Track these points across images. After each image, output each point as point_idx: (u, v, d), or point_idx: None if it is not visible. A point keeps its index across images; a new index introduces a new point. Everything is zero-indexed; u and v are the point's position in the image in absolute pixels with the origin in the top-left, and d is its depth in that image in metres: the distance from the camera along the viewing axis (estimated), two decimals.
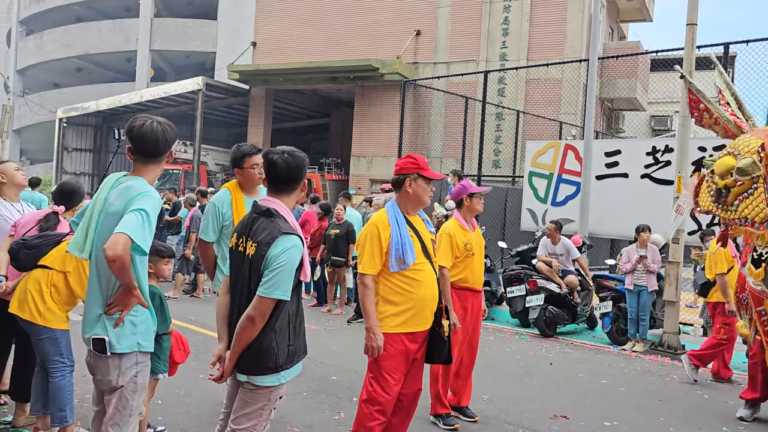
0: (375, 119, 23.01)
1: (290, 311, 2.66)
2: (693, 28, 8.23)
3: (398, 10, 22.91)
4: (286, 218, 2.68)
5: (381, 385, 3.51)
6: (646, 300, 8.10)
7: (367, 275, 3.50)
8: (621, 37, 26.95)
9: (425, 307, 3.54)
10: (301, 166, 2.81)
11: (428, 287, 3.55)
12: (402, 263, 3.47)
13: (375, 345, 3.43)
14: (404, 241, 3.49)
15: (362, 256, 3.54)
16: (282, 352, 2.62)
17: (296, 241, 2.61)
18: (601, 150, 10.85)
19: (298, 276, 2.65)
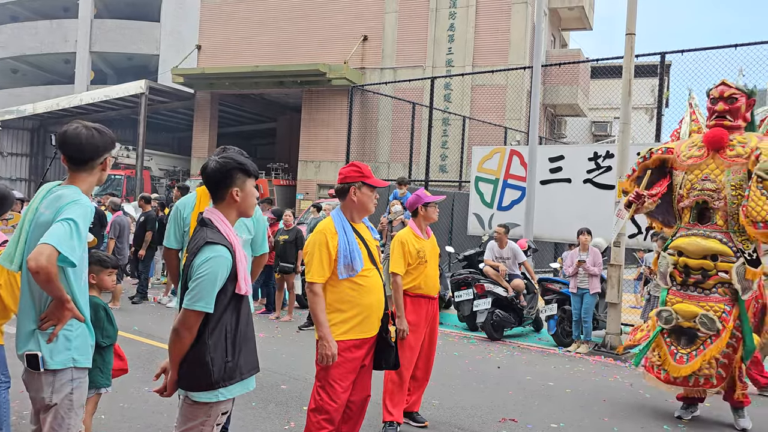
0: (323, 124, 22.94)
1: (227, 326, 2.56)
2: (632, 37, 8.50)
3: (345, 16, 22.93)
4: (219, 228, 2.59)
5: (328, 393, 3.49)
6: (589, 302, 8.31)
7: (316, 283, 3.49)
8: (563, 44, 27.67)
9: (372, 314, 3.56)
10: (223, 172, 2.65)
11: (375, 293, 3.57)
12: (351, 270, 3.48)
13: (329, 353, 3.41)
14: (352, 248, 3.50)
15: (310, 265, 3.51)
16: (218, 368, 2.53)
17: (221, 251, 2.50)
18: (545, 155, 11.10)
19: (233, 289, 2.56)
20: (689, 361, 5.06)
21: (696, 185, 5.19)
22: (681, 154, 5.38)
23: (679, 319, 5.13)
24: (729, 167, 5.08)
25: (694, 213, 5.27)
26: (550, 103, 22.64)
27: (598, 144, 20.31)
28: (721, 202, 5.08)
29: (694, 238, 5.15)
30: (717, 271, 5.04)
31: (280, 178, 24.84)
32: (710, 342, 5.01)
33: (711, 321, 4.97)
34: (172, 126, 29.59)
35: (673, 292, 5.28)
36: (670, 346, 5.22)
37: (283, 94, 25.42)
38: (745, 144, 5.09)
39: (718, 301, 5.05)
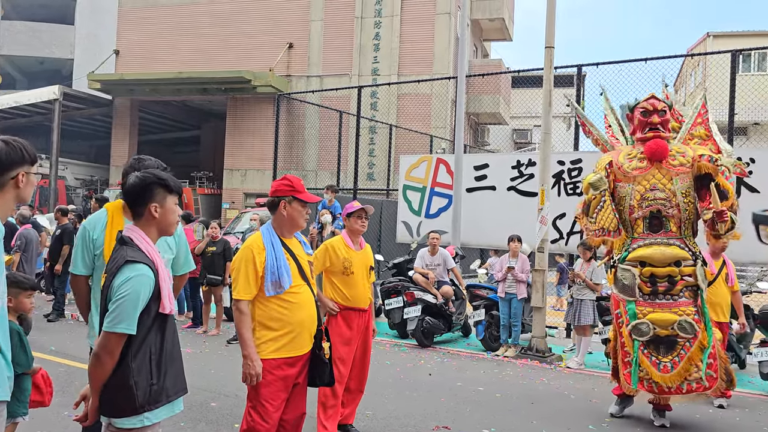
0: (248, 132, 22.60)
1: (151, 347, 2.48)
2: (551, 50, 8.82)
3: (270, 23, 22.72)
4: (139, 246, 2.50)
5: (260, 413, 3.42)
6: (517, 307, 8.54)
7: (242, 301, 3.41)
8: (484, 54, 28.39)
9: (303, 331, 3.49)
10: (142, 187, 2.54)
11: (306, 310, 3.51)
12: (278, 287, 3.41)
13: (253, 372, 3.34)
14: (280, 264, 3.42)
15: (237, 281, 3.44)
16: (142, 391, 2.44)
17: (142, 269, 2.42)
18: (470, 164, 11.34)
19: (157, 308, 2.47)
20: (674, 368, 5.18)
21: (647, 196, 5.35)
22: (623, 165, 5.51)
23: (656, 329, 5.22)
24: (676, 176, 5.33)
25: (647, 222, 5.43)
26: (473, 111, 23.17)
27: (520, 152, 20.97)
28: (675, 210, 5.30)
29: (657, 247, 5.30)
30: (681, 275, 5.25)
31: (205, 187, 24.27)
32: (689, 345, 5.18)
33: (690, 325, 5.15)
34: (89, 133, 28.39)
35: (641, 303, 5.34)
36: (651, 356, 5.27)
37: (206, 101, 24.89)
38: (684, 154, 5.38)
39: (687, 305, 5.25)
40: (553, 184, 9.73)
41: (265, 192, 19.79)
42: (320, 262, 4.74)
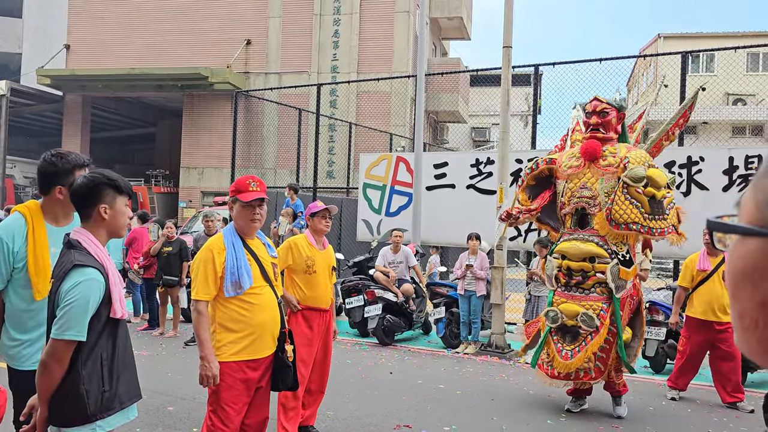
0: (205, 129, 22.25)
1: (102, 354, 2.41)
2: (508, 50, 8.92)
3: (227, 19, 22.39)
4: (88, 249, 2.43)
5: (221, 417, 3.36)
6: (477, 304, 8.62)
7: (201, 301, 3.35)
8: (443, 53, 28.56)
9: (265, 333, 3.44)
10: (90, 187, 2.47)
11: (268, 311, 3.46)
12: (238, 287, 3.36)
13: (210, 374, 3.27)
14: (240, 264, 3.37)
15: (195, 282, 3.39)
16: (94, 400, 2.37)
17: (92, 274, 2.36)
18: (430, 162, 11.39)
19: (108, 313, 2.41)
20: (573, 356, 5.42)
21: (575, 193, 5.60)
22: (562, 164, 5.76)
23: (564, 318, 5.49)
24: (602, 176, 5.50)
25: (574, 219, 5.67)
26: (432, 110, 23.28)
27: (479, 150, 21.16)
28: (597, 208, 5.49)
29: (575, 242, 5.54)
30: (595, 272, 5.45)
31: (161, 185, 23.81)
32: (591, 338, 5.41)
33: (590, 318, 5.37)
34: (38, 130, 27.55)
35: (558, 293, 5.65)
36: (557, 343, 5.56)
37: (162, 98, 24.40)
38: (615, 154, 5.53)
39: (597, 300, 5.45)
40: (511, 182, 9.84)
41: (224, 191, 19.49)
42: (282, 260, 4.71)
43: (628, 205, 5.26)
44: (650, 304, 7.78)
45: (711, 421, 5.77)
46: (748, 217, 0.57)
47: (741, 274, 0.57)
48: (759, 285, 0.55)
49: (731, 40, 25.98)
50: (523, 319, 9.69)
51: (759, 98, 27.17)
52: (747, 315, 0.57)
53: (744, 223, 0.57)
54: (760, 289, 0.55)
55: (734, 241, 0.58)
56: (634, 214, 5.24)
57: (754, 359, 0.60)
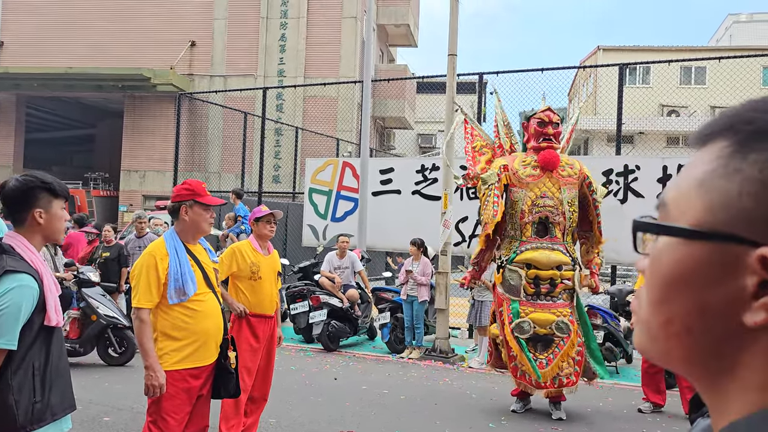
0: (148, 131, 21.73)
1: (34, 363, 2.32)
2: (453, 58, 9.05)
3: (170, 19, 21.94)
4: (21, 254, 2.34)
5: (161, 428, 3.26)
6: (419, 309, 8.68)
7: (143, 309, 3.25)
8: (390, 59, 28.73)
9: (208, 340, 3.38)
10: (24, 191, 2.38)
11: (211, 319, 3.39)
12: (182, 294, 3.28)
13: (156, 383, 3.18)
14: (184, 270, 3.30)
15: (137, 289, 3.29)
16: (24, 410, 2.27)
17: (24, 279, 2.27)
18: (376, 167, 11.42)
19: (41, 321, 2.32)
20: (548, 364, 5.56)
21: (537, 202, 5.68)
22: (518, 171, 5.81)
23: (536, 328, 5.57)
24: (564, 185, 5.70)
25: (535, 227, 5.74)
26: (379, 115, 23.37)
27: (425, 157, 21.36)
28: (560, 217, 5.65)
29: (543, 251, 5.63)
30: (562, 279, 5.63)
31: (100, 188, 23.11)
32: (563, 343, 5.58)
33: (566, 325, 5.55)
34: None
35: (524, 303, 5.67)
36: (529, 353, 5.66)
37: (102, 99, 23.71)
38: (572, 166, 5.82)
39: (564, 306, 5.65)
40: (456, 188, 9.98)
41: (166, 195, 19.06)
42: (226, 267, 4.64)
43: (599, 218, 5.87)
44: (589, 308, 8.00)
45: (645, 422, 5.97)
46: (694, 219, 0.55)
47: (677, 278, 0.55)
48: (702, 290, 0.54)
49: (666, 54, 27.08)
50: (467, 323, 9.83)
51: (691, 110, 28.37)
52: (678, 321, 0.55)
53: (688, 225, 0.55)
54: (703, 294, 0.53)
55: (668, 243, 0.57)
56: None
57: (672, 367, 0.58)
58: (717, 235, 0.53)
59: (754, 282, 0.51)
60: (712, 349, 0.54)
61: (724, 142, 0.55)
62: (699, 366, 0.56)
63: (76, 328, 7.35)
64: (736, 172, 0.53)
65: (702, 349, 0.55)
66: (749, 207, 0.51)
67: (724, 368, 0.54)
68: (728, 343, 0.53)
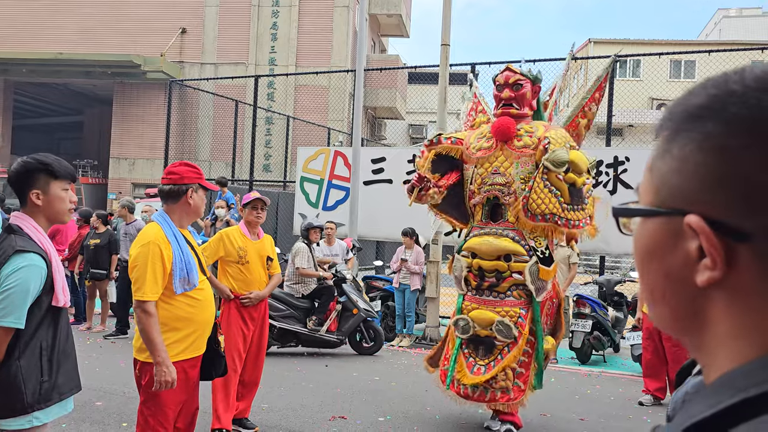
0: (137, 119, 21.60)
1: (42, 343, 2.34)
2: (446, 48, 9.06)
3: (161, 6, 21.78)
4: (30, 234, 2.37)
5: (160, 421, 3.18)
6: (410, 298, 8.74)
7: (149, 302, 3.06)
8: (382, 50, 28.66)
9: (207, 329, 3.34)
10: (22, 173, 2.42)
11: (210, 307, 3.35)
12: (187, 283, 3.17)
13: (169, 379, 3.04)
14: (188, 258, 3.19)
15: (141, 280, 3.08)
16: (31, 390, 2.30)
17: (33, 259, 2.29)
18: (367, 157, 11.43)
19: (49, 301, 2.35)
20: (487, 372, 4.61)
21: (486, 180, 4.73)
22: (471, 146, 4.87)
23: (476, 328, 4.66)
24: (518, 159, 4.67)
25: (485, 210, 4.81)
26: (370, 105, 23.34)
27: (417, 146, 21.37)
28: (512, 197, 4.65)
29: (486, 238, 4.69)
30: (511, 272, 4.63)
31: (89, 176, 22.94)
32: (507, 351, 4.62)
33: (507, 328, 4.57)
34: None
35: (468, 297, 4.81)
36: (468, 357, 4.74)
37: (91, 85, 23.52)
38: (532, 133, 4.70)
39: (514, 305, 4.66)
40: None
41: (156, 182, 18.98)
42: (213, 251, 4.68)
43: (546, 194, 4.45)
44: (577, 297, 8.09)
45: (632, 408, 6.06)
46: (647, 200, 0.63)
47: (645, 253, 0.63)
48: (663, 259, 0.61)
49: (656, 47, 27.16)
50: None
51: None
52: (657, 288, 0.63)
53: (644, 206, 0.63)
54: (664, 264, 0.61)
55: (638, 224, 0.65)
56: (552, 204, 4.44)
57: (667, 330, 0.65)
58: (659, 211, 0.61)
59: (694, 247, 0.58)
60: (685, 310, 0.61)
61: (666, 131, 0.62)
62: (682, 327, 0.63)
63: (336, 321, 7.90)
64: (666, 153, 0.61)
65: (678, 311, 0.62)
66: (676, 182, 0.59)
67: (699, 326, 0.61)
68: (695, 303, 0.60)
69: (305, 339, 7.71)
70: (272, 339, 7.61)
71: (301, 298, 7.86)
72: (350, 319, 7.86)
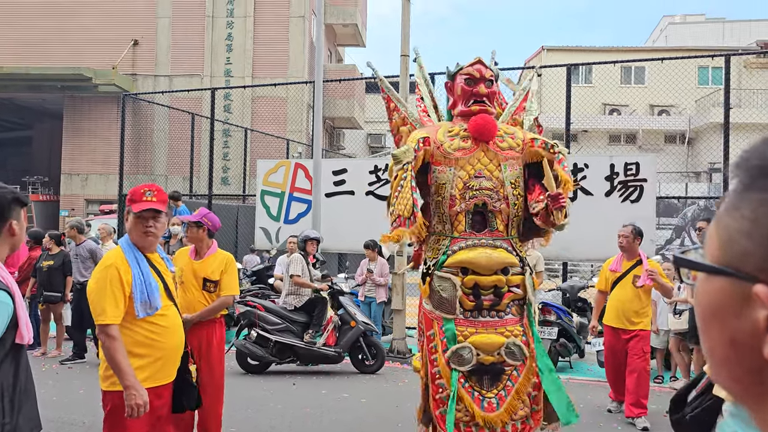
0: (89, 133, 21.05)
1: (4, 383, 2.22)
2: (406, 59, 9.06)
3: (111, 17, 21.30)
4: None
5: None
6: (377, 310, 8.67)
7: (111, 325, 3.02)
8: (338, 59, 28.63)
9: (173, 356, 3.22)
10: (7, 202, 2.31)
11: (176, 333, 3.24)
12: (149, 307, 3.10)
13: (140, 402, 2.95)
14: (149, 281, 3.12)
15: (102, 304, 3.03)
16: None
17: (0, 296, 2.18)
18: (329, 169, 11.34)
19: (13, 338, 2.22)
20: (500, 404, 3.91)
21: (471, 184, 4.10)
22: (443, 145, 4.20)
23: (479, 356, 3.93)
24: (505, 161, 4.15)
25: (469, 218, 4.14)
26: (328, 116, 23.22)
27: (378, 157, 21.39)
28: (503, 203, 4.09)
29: (482, 250, 4.01)
30: (509, 286, 4.05)
31: (39, 192, 22.23)
32: (517, 374, 3.98)
33: (519, 349, 3.96)
34: None
35: (462, 321, 4.00)
36: (473, 391, 3.96)
37: (40, 99, 22.81)
38: (513, 135, 4.26)
39: (514, 323, 4.05)
40: None
41: (110, 198, 18.46)
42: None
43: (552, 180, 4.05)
44: (543, 304, 8.14)
45: (600, 415, 6.10)
46: (712, 256, 0.58)
47: (708, 311, 0.59)
48: (727, 324, 0.57)
49: (607, 54, 27.84)
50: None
51: (631, 108, 29.28)
52: (718, 350, 0.59)
53: (709, 261, 0.58)
54: (728, 327, 0.56)
55: (701, 277, 0.60)
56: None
57: (725, 389, 0.61)
58: (726, 271, 0.56)
59: (763, 316, 0.53)
60: (749, 378, 0.57)
61: (737, 179, 0.58)
62: (742, 392, 0.59)
63: (334, 335, 7.68)
64: (735, 210, 0.57)
65: (741, 377, 0.58)
66: (746, 245, 0.55)
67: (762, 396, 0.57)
68: (761, 373, 0.56)
69: (303, 353, 7.52)
70: (270, 354, 7.45)
71: (295, 311, 7.71)
72: (348, 332, 7.66)
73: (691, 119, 27.58)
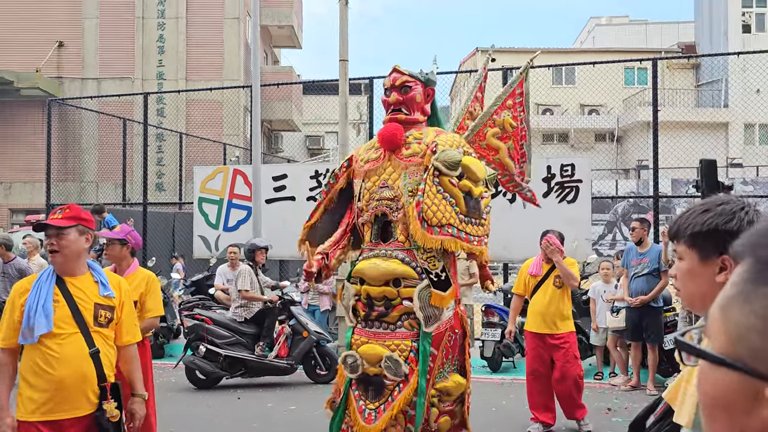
0: (12, 140, 20.05)
1: None
2: (345, 63, 9.00)
3: (33, 18, 20.34)
4: None
5: None
6: (321, 318, 8.59)
7: None
8: (275, 61, 28.28)
9: (70, 389, 2.97)
10: None
11: (70, 364, 2.97)
12: (28, 333, 2.93)
13: (4, 428, 2.91)
14: (39, 306, 2.93)
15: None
16: None
17: None
18: (268, 174, 11.17)
19: None
20: (377, 418, 3.82)
21: (374, 195, 4.09)
22: (359, 159, 4.26)
23: (365, 365, 3.88)
24: (406, 169, 4.05)
25: (375, 229, 4.12)
26: (266, 118, 22.88)
27: (318, 162, 21.24)
28: (400, 213, 3.99)
29: (374, 260, 3.98)
30: (401, 299, 3.90)
31: None
32: (399, 391, 3.84)
33: (396, 364, 3.81)
34: None
35: (358, 330, 4.02)
36: (359, 400, 3.94)
37: None
38: (421, 140, 4.09)
39: (405, 338, 3.90)
40: None
41: (37, 208, 17.65)
42: None
43: (440, 200, 3.79)
44: (486, 306, 8.27)
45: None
46: (720, 347, 0.56)
47: (716, 403, 0.57)
48: (736, 419, 0.55)
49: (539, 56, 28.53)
50: None
51: (563, 108, 30.15)
52: None
53: (716, 351, 0.57)
54: (737, 422, 0.55)
55: (705, 365, 0.58)
56: (448, 213, 3.80)
57: None
58: (736, 366, 0.54)
59: None
60: None
61: (745, 266, 0.56)
62: None
63: (286, 346, 7.52)
64: (746, 304, 0.54)
65: None
66: (758, 343, 0.53)
67: None
68: None
69: (254, 366, 7.34)
70: (220, 369, 7.25)
71: (244, 323, 7.52)
72: (301, 343, 7.51)
73: (619, 118, 28.60)
